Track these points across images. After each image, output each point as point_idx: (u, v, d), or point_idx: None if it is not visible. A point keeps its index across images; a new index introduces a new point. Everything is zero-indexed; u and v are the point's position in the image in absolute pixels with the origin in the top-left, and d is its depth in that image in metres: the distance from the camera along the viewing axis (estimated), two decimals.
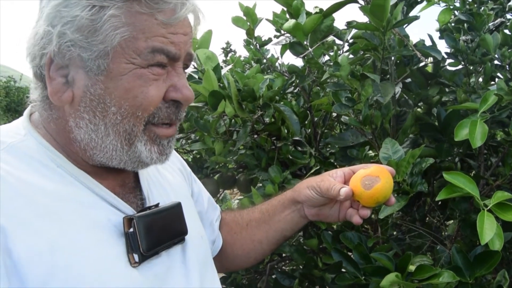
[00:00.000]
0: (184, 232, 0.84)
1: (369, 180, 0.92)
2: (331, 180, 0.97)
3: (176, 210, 0.84)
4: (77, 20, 0.68)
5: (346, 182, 0.98)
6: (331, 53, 1.36)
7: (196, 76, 1.44)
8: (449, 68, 1.48)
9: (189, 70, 1.43)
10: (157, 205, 0.82)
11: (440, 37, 1.52)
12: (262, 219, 1.09)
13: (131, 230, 0.73)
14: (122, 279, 0.70)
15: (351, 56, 1.46)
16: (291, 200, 1.05)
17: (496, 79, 1.34)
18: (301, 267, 1.31)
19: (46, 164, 0.72)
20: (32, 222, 0.65)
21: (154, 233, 0.76)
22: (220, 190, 1.84)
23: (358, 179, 0.93)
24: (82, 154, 0.75)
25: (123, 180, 0.83)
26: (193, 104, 1.29)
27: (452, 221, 1.49)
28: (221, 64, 1.76)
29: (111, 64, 0.70)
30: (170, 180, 0.94)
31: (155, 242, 0.76)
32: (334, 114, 1.77)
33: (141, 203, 0.83)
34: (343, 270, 1.09)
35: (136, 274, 0.72)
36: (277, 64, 1.98)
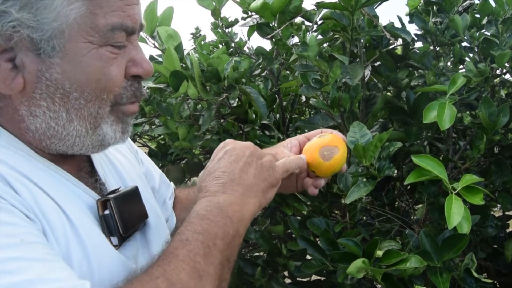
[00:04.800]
0: (146, 215, 0.82)
1: (328, 151, 0.88)
2: (286, 152, 0.94)
3: (136, 194, 0.81)
4: None
5: (301, 150, 0.95)
6: (300, 34, 1.31)
7: (160, 59, 1.37)
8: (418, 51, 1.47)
9: (150, 49, 1.35)
10: (118, 190, 0.78)
11: (410, 22, 1.50)
12: None
13: (107, 212, 0.71)
14: (119, 262, 0.69)
15: (319, 37, 1.42)
16: None
17: (465, 63, 1.32)
18: (264, 254, 1.28)
19: (16, 152, 0.66)
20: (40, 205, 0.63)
21: (127, 215, 0.74)
22: (187, 177, 1.78)
23: (316, 149, 0.89)
24: (37, 144, 0.69)
25: (78, 165, 0.79)
26: (155, 85, 1.23)
27: (420, 205, 1.49)
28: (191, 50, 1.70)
29: (67, 44, 0.64)
30: (121, 161, 0.89)
31: (130, 224, 0.74)
32: (303, 99, 1.73)
33: (101, 188, 0.79)
34: (308, 257, 1.06)
35: (123, 256, 0.70)
36: (245, 48, 1.93)
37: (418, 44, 1.48)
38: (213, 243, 0.66)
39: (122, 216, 0.72)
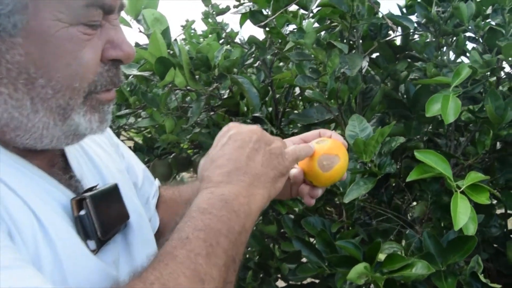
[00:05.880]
0: (127, 215, 0.73)
1: (328, 160, 0.77)
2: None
3: (116, 192, 0.72)
4: None
5: None
6: (297, 20, 1.24)
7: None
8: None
9: (134, 34, 1.26)
10: (95, 187, 0.69)
11: (408, 14, 1.43)
12: None
13: (83, 212, 0.62)
14: (98, 269, 0.61)
15: (316, 25, 1.34)
16: None
17: (471, 53, 1.26)
18: (256, 256, 1.20)
19: None
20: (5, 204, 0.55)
21: (105, 216, 0.65)
22: (175, 173, 1.70)
23: (314, 158, 0.77)
24: (0, 137, 0.60)
25: (51, 160, 0.69)
26: (139, 73, 1.14)
27: (415, 203, 1.43)
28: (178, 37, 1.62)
29: (32, 21, 0.54)
30: (100, 155, 0.80)
31: (109, 226, 0.66)
32: (297, 92, 1.66)
33: (77, 185, 0.70)
34: (302, 260, 0.99)
35: (102, 262, 0.62)
36: (237, 39, 1.85)
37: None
38: (216, 242, 0.58)
39: (100, 217, 0.63)
